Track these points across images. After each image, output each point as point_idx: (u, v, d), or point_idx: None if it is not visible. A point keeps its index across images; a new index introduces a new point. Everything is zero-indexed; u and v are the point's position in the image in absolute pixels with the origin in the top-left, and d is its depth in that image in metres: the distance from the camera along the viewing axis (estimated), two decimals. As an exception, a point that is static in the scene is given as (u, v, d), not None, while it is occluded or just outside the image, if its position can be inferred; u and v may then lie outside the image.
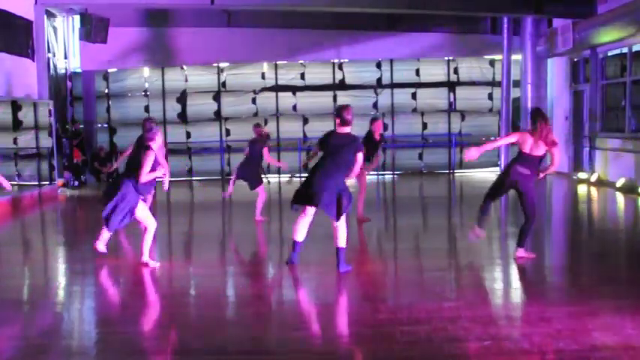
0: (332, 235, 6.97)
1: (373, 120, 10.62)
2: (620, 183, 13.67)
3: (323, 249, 7.76)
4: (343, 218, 6.96)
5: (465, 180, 17.11)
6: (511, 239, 8.96)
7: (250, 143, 10.47)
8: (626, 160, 13.93)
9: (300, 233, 7.14)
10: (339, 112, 7.06)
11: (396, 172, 18.40)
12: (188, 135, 18.64)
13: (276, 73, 18.51)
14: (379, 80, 18.56)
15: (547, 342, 4.72)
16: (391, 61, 18.49)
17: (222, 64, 18.54)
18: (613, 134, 14.80)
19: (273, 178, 17.68)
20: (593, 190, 14.11)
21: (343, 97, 18.33)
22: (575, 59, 16.51)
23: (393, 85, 18.54)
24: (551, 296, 6.19)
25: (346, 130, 7.06)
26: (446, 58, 18.52)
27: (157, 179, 7.49)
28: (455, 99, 18.59)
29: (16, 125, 17.37)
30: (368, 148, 10.29)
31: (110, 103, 18.58)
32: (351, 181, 9.92)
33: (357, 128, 11.03)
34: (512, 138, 7.46)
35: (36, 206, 13.76)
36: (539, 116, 7.11)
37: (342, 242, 6.96)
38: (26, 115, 17.29)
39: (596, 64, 15.23)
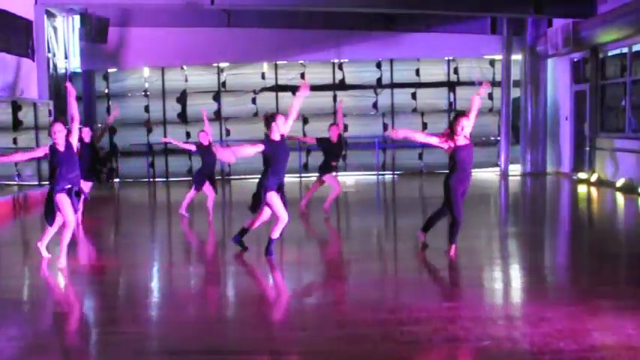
0: (332, 237, 6.96)
1: (330, 125, 11.19)
2: (620, 183, 13.67)
3: (323, 250, 7.75)
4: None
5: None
6: (511, 239, 8.97)
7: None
8: (626, 160, 13.93)
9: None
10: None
11: (396, 172, 18.39)
12: (188, 135, 18.61)
13: (276, 73, 18.50)
14: (379, 80, 18.54)
15: (547, 342, 4.72)
16: (391, 61, 18.48)
17: (222, 64, 18.53)
18: (613, 134, 14.80)
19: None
20: (593, 190, 14.11)
21: (343, 97, 18.31)
22: (575, 59, 16.50)
23: (393, 85, 18.52)
24: (551, 296, 6.19)
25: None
26: (446, 58, 18.51)
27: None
28: (455, 99, 18.58)
29: (16, 125, 17.40)
30: (326, 151, 10.89)
31: (110, 103, 18.57)
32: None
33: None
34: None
35: (36, 206, 13.73)
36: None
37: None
38: (26, 115, 17.32)
39: (596, 64, 15.23)
